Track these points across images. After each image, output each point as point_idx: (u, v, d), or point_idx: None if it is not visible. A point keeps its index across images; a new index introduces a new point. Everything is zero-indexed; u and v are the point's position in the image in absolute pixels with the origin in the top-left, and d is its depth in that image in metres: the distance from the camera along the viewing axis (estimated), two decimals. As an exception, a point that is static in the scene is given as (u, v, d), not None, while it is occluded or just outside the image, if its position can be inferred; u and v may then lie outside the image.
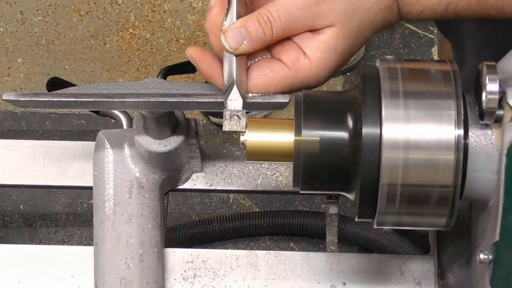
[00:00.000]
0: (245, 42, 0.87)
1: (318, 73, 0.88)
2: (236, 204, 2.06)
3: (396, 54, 2.27)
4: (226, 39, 0.87)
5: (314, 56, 0.88)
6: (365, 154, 0.80)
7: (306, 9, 0.87)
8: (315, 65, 0.88)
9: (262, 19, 0.87)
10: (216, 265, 1.06)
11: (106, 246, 1.02)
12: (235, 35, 0.87)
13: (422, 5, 0.89)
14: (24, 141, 1.13)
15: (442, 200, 0.81)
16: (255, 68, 0.89)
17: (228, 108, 0.86)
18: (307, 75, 0.88)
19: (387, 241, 1.81)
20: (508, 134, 0.80)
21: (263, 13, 0.87)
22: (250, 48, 0.88)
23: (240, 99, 0.86)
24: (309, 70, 0.88)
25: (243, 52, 0.88)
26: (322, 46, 0.88)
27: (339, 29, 0.87)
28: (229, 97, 0.86)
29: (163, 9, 2.35)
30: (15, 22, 2.34)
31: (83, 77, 2.25)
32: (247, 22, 0.87)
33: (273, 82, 0.88)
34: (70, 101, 0.90)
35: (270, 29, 0.87)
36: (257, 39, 0.87)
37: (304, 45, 0.88)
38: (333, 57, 0.88)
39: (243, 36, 0.87)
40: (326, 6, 0.87)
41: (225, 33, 0.87)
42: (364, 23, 0.89)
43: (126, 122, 1.11)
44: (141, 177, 1.04)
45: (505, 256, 0.82)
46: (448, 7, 0.90)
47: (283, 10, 0.87)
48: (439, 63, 0.84)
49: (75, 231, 2.02)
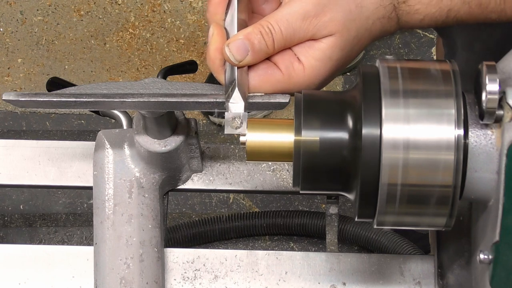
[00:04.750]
0: (248, 54, 0.87)
1: (310, 80, 0.88)
2: (236, 204, 2.06)
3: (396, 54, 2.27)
4: (230, 51, 0.87)
5: (308, 63, 0.88)
6: (365, 154, 0.80)
7: (307, 20, 0.87)
8: (308, 72, 0.88)
9: (264, 31, 0.87)
10: (216, 265, 1.06)
11: (106, 246, 1.02)
12: (240, 48, 0.87)
13: (422, 14, 0.89)
14: (24, 141, 1.13)
15: (442, 200, 0.81)
16: (249, 70, 0.89)
17: (230, 111, 0.86)
18: (300, 81, 0.88)
19: (387, 241, 1.81)
20: (508, 134, 0.80)
21: (264, 24, 0.87)
22: (253, 60, 0.88)
23: (241, 102, 0.86)
24: (301, 76, 0.88)
25: (246, 64, 0.88)
26: (318, 54, 0.88)
27: (336, 39, 0.87)
28: (231, 100, 0.86)
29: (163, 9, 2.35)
30: (15, 22, 2.34)
31: (83, 77, 2.25)
32: (250, 34, 0.87)
33: (265, 85, 0.88)
34: (70, 101, 0.90)
35: (272, 41, 0.87)
36: (260, 51, 0.88)
37: (299, 52, 0.88)
38: (328, 65, 0.88)
39: (247, 48, 0.87)
40: (325, 16, 0.87)
41: (229, 44, 0.87)
42: (361, 32, 0.89)
43: (126, 122, 1.11)
44: (141, 177, 1.04)
45: (505, 256, 0.82)
46: (449, 14, 0.89)
47: (283, 21, 0.87)
48: (439, 63, 0.84)
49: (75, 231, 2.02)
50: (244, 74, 0.88)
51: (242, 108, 0.86)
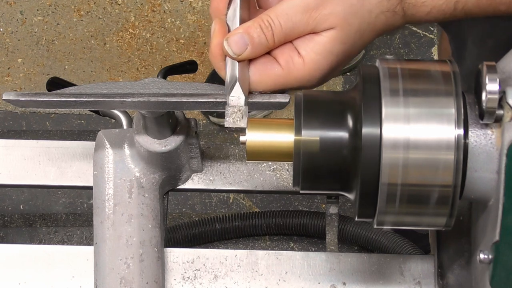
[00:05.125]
0: (248, 48, 0.87)
1: (310, 74, 0.88)
2: (236, 204, 2.06)
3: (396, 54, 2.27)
4: (229, 45, 0.87)
5: (309, 57, 0.87)
6: (365, 153, 0.80)
7: (306, 13, 0.86)
8: (308, 66, 0.87)
9: (263, 24, 0.87)
10: (216, 265, 1.06)
11: (106, 246, 1.02)
12: (238, 41, 0.87)
13: (429, 6, 0.88)
14: (24, 141, 1.13)
15: (442, 200, 0.81)
16: (249, 64, 0.89)
17: (231, 105, 0.86)
18: (300, 76, 0.88)
19: (387, 241, 1.81)
20: (508, 134, 0.80)
21: (264, 18, 0.87)
22: (253, 54, 0.87)
23: (242, 96, 0.86)
24: (301, 70, 0.87)
25: (246, 58, 0.87)
26: (318, 48, 0.87)
27: (337, 32, 0.87)
28: (232, 93, 0.86)
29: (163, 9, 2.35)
30: (15, 22, 2.34)
31: (83, 77, 2.25)
32: (250, 28, 0.87)
33: (265, 80, 0.88)
34: (70, 101, 0.90)
35: (271, 35, 0.87)
36: (260, 45, 0.87)
37: (299, 45, 0.88)
38: (328, 59, 0.88)
39: (246, 42, 0.87)
40: (325, 9, 0.86)
41: (228, 39, 0.87)
42: (364, 26, 0.88)
43: (126, 122, 1.11)
44: (141, 177, 1.04)
45: (505, 256, 0.82)
46: (457, 6, 0.88)
47: (283, 15, 0.87)
48: (439, 63, 0.84)
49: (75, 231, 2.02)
50: (245, 69, 0.88)
51: (243, 101, 0.86)
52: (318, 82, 0.89)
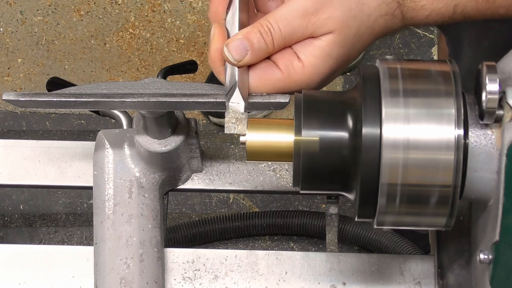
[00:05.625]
0: (248, 54, 0.87)
1: (310, 78, 0.88)
2: (236, 204, 2.06)
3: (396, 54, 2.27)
4: (229, 51, 0.87)
5: (308, 61, 0.87)
6: (365, 154, 0.80)
7: (305, 18, 0.86)
8: (307, 70, 0.88)
9: (263, 30, 0.87)
10: (216, 265, 1.06)
11: (106, 246, 1.02)
12: (238, 47, 0.87)
13: (429, 9, 0.88)
14: (24, 141, 1.13)
15: (442, 200, 0.81)
16: (249, 69, 0.89)
17: (230, 111, 0.86)
18: (299, 80, 0.88)
19: (387, 241, 1.81)
20: (508, 134, 0.80)
21: (263, 23, 0.87)
22: (253, 60, 0.88)
23: (242, 102, 0.86)
24: (301, 74, 0.88)
25: (246, 64, 0.88)
26: (317, 52, 0.87)
27: (336, 36, 0.87)
28: (231, 99, 0.86)
29: (163, 9, 2.35)
30: (15, 22, 2.34)
31: (83, 77, 2.25)
32: (249, 33, 0.87)
33: (264, 84, 0.88)
34: (70, 101, 0.90)
35: (271, 40, 0.87)
36: (260, 51, 0.87)
37: (299, 50, 0.88)
38: (328, 63, 0.88)
39: (246, 48, 0.87)
40: (324, 13, 0.86)
41: (228, 45, 0.87)
42: (362, 30, 0.88)
43: (126, 122, 1.11)
44: (141, 177, 1.04)
45: (505, 256, 0.82)
46: (456, 10, 0.88)
47: (282, 20, 0.87)
48: (439, 63, 0.84)
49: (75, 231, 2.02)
50: (245, 74, 0.88)
51: (242, 108, 0.86)
52: (318, 85, 0.89)
